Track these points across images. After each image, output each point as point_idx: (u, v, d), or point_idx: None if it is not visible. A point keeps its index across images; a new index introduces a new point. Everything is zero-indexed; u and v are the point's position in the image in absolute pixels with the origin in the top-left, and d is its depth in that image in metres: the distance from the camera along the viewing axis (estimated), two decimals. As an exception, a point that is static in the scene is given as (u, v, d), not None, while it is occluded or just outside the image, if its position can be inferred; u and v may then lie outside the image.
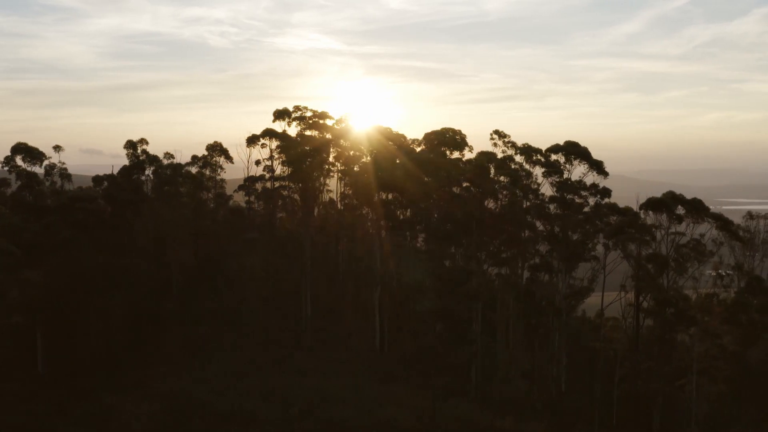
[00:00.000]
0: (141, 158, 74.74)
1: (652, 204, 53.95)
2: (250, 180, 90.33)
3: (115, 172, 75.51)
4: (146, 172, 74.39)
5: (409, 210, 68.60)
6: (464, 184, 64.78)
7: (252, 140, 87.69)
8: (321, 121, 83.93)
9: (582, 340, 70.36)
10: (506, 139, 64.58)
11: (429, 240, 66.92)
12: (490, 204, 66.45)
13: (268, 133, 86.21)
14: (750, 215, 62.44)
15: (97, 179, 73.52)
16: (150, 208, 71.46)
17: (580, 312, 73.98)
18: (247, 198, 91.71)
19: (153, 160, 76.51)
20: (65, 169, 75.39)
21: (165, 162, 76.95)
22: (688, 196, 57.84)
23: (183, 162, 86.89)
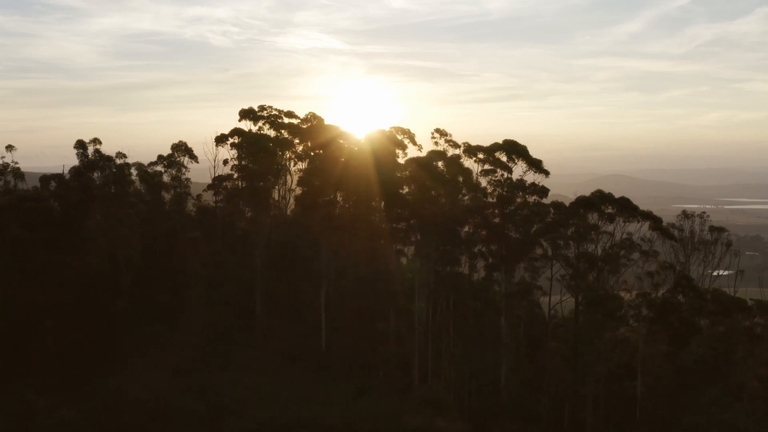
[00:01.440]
0: (92, 158, 74.77)
1: (581, 203, 53.77)
2: (219, 179, 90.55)
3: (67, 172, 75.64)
4: (95, 173, 74.46)
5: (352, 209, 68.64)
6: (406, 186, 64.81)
7: (220, 139, 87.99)
8: (287, 120, 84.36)
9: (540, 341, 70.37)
10: (447, 138, 64.49)
11: (374, 239, 67.02)
12: (436, 202, 66.52)
13: (236, 133, 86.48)
14: (684, 214, 62.01)
15: (44, 179, 73.67)
16: (100, 208, 71.54)
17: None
18: (215, 197, 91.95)
19: (106, 159, 76.56)
20: (18, 168, 75.56)
21: (118, 162, 76.99)
22: (691, 195, 58.63)
23: (148, 162, 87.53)
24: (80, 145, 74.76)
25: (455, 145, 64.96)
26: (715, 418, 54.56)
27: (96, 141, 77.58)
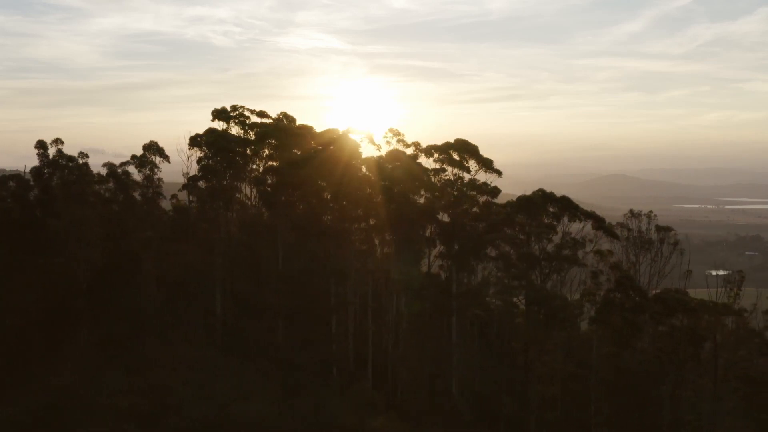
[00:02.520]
0: (53, 158, 75.08)
1: (522, 203, 53.77)
2: (193, 179, 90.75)
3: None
4: (56, 173, 74.72)
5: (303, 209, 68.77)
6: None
7: (195, 140, 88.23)
8: (259, 120, 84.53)
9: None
10: (399, 137, 64.56)
11: (327, 239, 67.10)
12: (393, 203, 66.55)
13: (209, 133, 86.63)
14: (631, 213, 61.90)
15: (2, 179, 73.88)
16: (62, 208, 71.84)
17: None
18: (190, 198, 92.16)
19: (68, 159, 76.87)
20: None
21: (80, 162, 77.28)
22: (691, 195, 58.74)
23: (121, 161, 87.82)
24: (41, 145, 75.07)
25: (406, 145, 65.01)
26: (665, 418, 54.63)
27: (58, 141, 77.88)
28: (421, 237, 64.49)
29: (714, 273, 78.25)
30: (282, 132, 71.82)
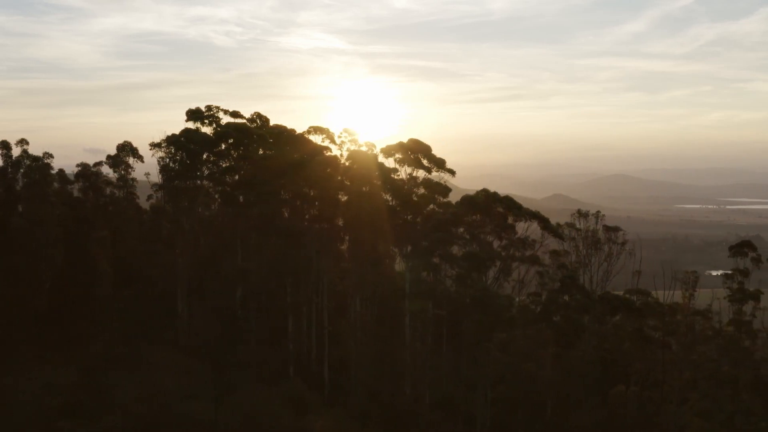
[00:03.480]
0: (16, 159, 75.60)
1: (466, 203, 53.83)
2: (169, 179, 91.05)
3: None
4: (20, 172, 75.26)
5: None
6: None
7: (171, 140, 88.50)
8: (232, 120, 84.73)
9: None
10: (352, 138, 64.73)
11: (285, 239, 67.24)
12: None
13: (184, 133, 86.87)
14: (579, 213, 61.79)
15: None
16: (24, 207, 72.34)
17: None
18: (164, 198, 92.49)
19: (33, 160, 77.36)
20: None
21: (45, 161, 77.72)
22: (693, 195, 58.57)
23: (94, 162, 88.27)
24: (4, 145, 75.62)
25: (359, 145, 65.17)
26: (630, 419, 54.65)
27: (23, 142, 78.52)
28: (377, 237, 64.55)
29: (714, 273, 77.88)
30: (240, 132, 71.94)
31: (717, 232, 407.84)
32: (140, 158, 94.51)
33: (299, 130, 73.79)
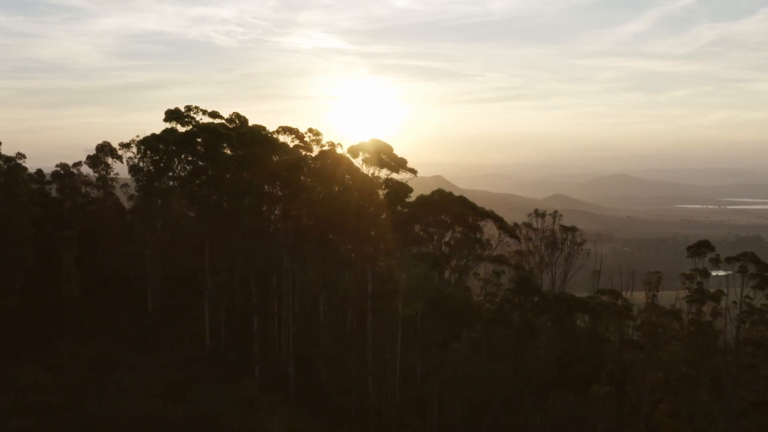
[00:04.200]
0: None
1: (421, 203, 53.97)
2: (150, 180, 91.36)
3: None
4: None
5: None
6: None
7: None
8: (210, 120, 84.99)
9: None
10: (317, 138, 64.87)
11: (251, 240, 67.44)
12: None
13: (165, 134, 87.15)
14: (536, 213, 61.86)
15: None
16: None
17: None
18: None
19: (6, 160, 77.65)
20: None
21: (17, 162, 78.03)
22: (693, 195, 58.65)
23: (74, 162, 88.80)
24: (-24, 145, 75.90)
25: (321, 144, 65.34)
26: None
27: (-6, 142, 78.81)
28: (345, 237, 64.71)
29: (715, 273, 77.80)
30: (208, 132, 72.15)
31: (717, 232, 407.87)
32: (119, 158, 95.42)
33: (301, 130, 74.25)
